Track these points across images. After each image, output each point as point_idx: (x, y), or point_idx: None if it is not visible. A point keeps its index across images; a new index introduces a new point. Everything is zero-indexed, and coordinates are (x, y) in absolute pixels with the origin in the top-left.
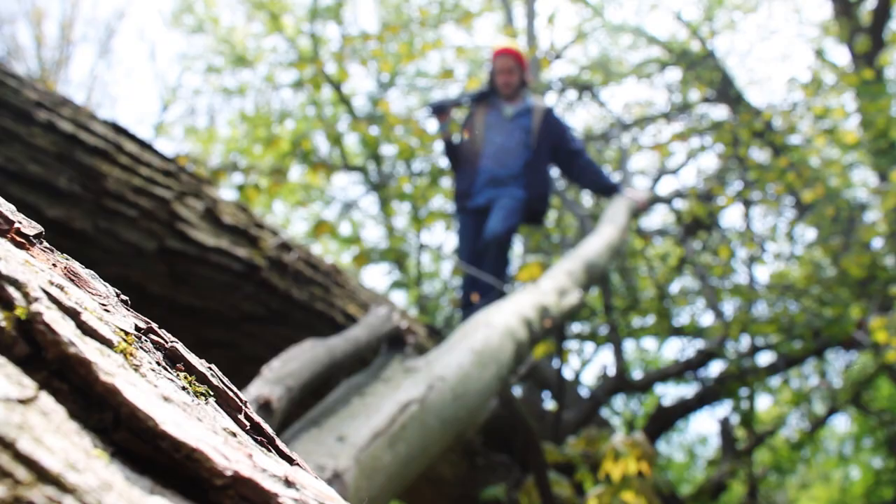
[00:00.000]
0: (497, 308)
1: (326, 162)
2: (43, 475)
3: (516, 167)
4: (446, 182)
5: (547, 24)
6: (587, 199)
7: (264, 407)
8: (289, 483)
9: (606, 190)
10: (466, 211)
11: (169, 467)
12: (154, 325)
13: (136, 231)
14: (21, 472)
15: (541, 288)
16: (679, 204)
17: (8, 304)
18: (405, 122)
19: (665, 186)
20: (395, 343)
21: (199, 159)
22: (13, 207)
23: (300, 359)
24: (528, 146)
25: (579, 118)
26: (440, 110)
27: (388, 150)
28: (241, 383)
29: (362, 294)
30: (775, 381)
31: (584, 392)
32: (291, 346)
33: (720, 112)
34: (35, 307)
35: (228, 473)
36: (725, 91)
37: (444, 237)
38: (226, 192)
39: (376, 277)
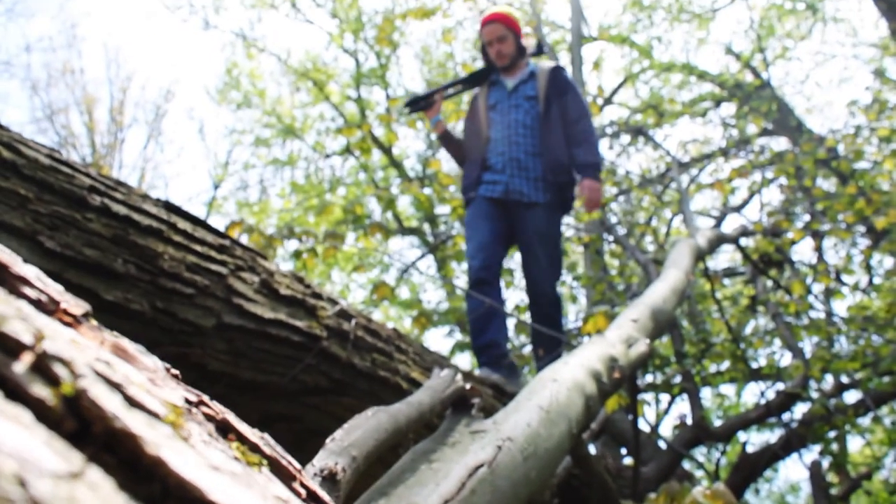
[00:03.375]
0: (563, 362)
1: (381, 226)
2: None
3: (529, 143)
4: None
5: (593, 68)
6: (649, 244)
7: (329, 478)
8: None
9: (579, 168)
10: (478, 200)
11: None
12: (205, 398)
13: (193, 308)
14: None
15: (607, 339)
16: (746, 242)
17: (55, 382)
18: (457, 180)
19: (730, 224)
20: (460, 406)
21: (252, 227)
22: (61, 287)
23: (364, 427)
24: (536, 114)
25: (635, 161)
26: (419, 104)
27: (442, 209)
28: (307, 457)
29: (425, 358)
30: (866, 420)
31: (662, 445)
32: (355, 415)
33: (780, 143)
34: (81, 383)
35: None
36: (784, 121)
37: (506, 293)
38: (282, 263)
39: (438, 340)
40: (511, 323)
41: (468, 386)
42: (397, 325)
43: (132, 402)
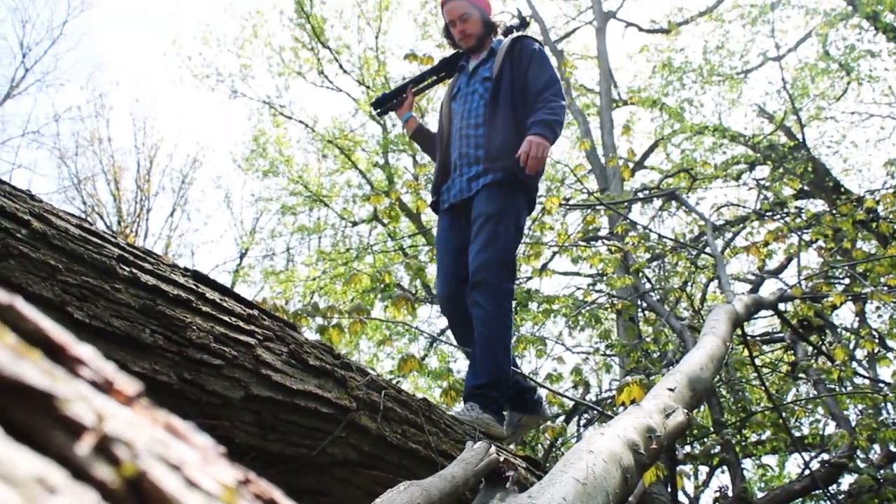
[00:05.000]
0: (599, 433)
1: (408, 299)
2: None
3: (481, 133)
4: (535, 305)
5: (623, 133)
6: (685, 310)
7: None
8: None
9: (527, 130)
10: (441, 215)
11: None
12: (252, 475)
13: (221, 380)
14: None
15: (644, 409)
16: (785, 307)
17: (117, 463)
18: None
19: (767, 289)
20: (494, 479)
21: (277, 306)
22: (114, 366)
23: (396, 502)
24: (488, 97)
25: (668, 226)
26: (388, 103)
27: None
28: None
29: (457, 430)
30: None
31: None
32: (386, 489)
33: (817, 205)
34: (142, 464)
35: None
36: (821, 182)
37: (537, 363)
38: (309, 333)
39: None
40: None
41: (502, 458)
42: (427, 395)
43: (190, 483)
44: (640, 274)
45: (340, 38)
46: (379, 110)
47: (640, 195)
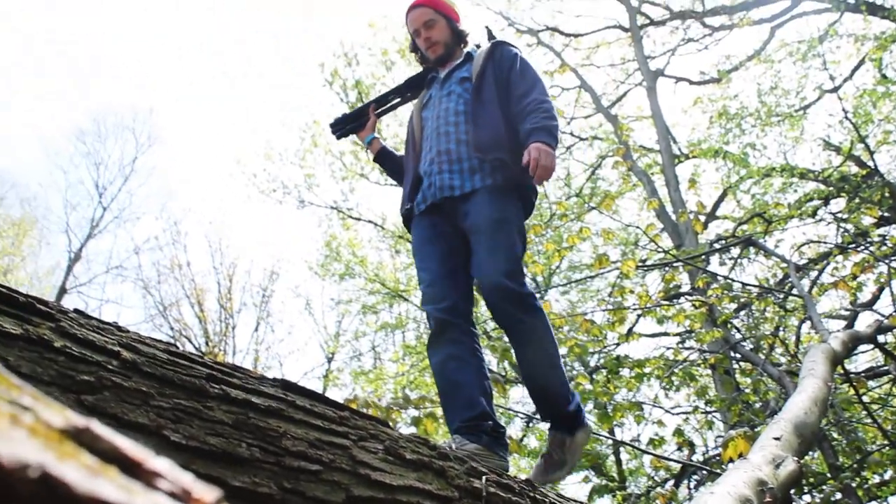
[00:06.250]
0: (708, 492)
1: (499, 377)
2: None
3: (462, 130)
4: (626, 371)
5: (690, 187)
6: (780, 356)
7: None
8: None
9: (524, 140)
10: (416, 220)
11: None
12: None
13: (321, 485)
14: None
15: (752, 462)
16: (885, 338)
17: None
18: (570, 319)
19: (863, 322)
20: None
21: (369, 401)
22: (191, 476)
23: None
24: (468, 97)
25: (749, 273)
26: (348, 124)
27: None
28: None
29: None
30: None
31: None
32: None
33: None
34: None
35: None
36: None
37: (637, 430)
38: (404, 427)
39: (574, 487)
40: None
41: None
42: (529, 476)
43: None
44: (729, 325)
45: (397, 135)
46: (338, 133)
47: (717, 246)
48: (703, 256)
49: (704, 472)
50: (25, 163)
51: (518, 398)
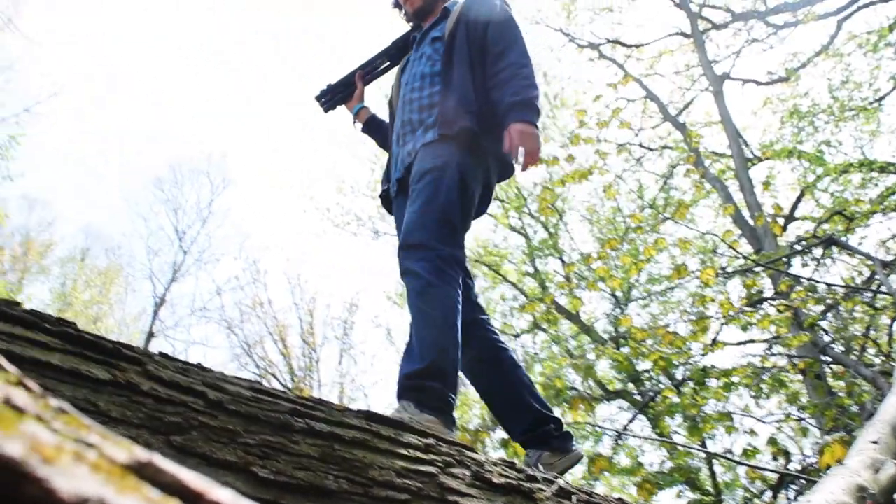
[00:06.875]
0: (805, 501)
1: (583, 397)
2: None
3: (426, 94)
4: (713, 381)
5: (765, 189)
6: (873, 356)
7: None
8: None
9: (503, 114)
10: (394, 203)
11: None
12: None
13: None
14: None
15: (850, 468)
16: None
17: None
18: (652, 332)
19: None
20: None
21: (457, 424)
22: None
23: None
24: (437, 58)
25: (834, 273)
26: (335, 96)
27: (643, 365)
28: None
29: None
30: None
31: None
32: None
33: None
34: None
35: None
36: None
37: (729, 441)
38: (492, 451)
39: (669, 503)
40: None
41: None
42: (621, 493)
43: None
44: (816, 328)
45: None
46: (325, 105)
47: (797, 247)
48: (785, 259)
49: (802, 480)
50: (109, 214)
51: (606, 416)
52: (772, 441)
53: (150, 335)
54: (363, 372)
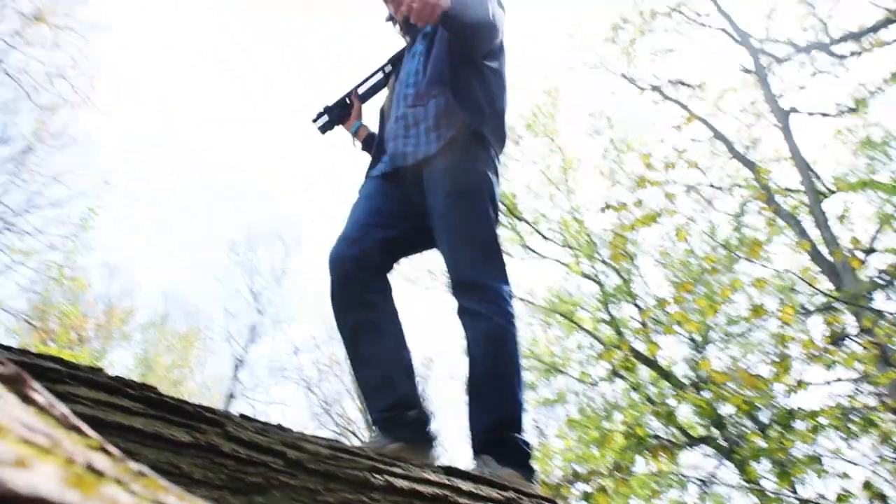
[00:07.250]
0: None
1: (665, 446)
2: None
3: (421, 84)
4: (799, 423)
5: (841, 223)
6: None
7: None
8: None
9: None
10: (365, 182)
11: None
12: None
13: None
14: None
15: None
16: None
17: None
18: (733, 375)
19: None
20: None
21: (540, 476)
22: None
23: None
24: (431, 51)
25: None
26: (332, 118)
27: (726, 409)
28: None
29: None
30: None
31: None
32: None
33: None
34: None
35: None
36: None
37: (821, 485)
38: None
39: None
40: None
41: None
42: None
43: None
44: None
45: (537, 209)
46: (322, 127)
47: (879, 281)
48: (866, 294)
49: None
50: (186, 280)
51: (690, 463)
52: (867, 485)
53: (231, 397)
54: (444, 427)
